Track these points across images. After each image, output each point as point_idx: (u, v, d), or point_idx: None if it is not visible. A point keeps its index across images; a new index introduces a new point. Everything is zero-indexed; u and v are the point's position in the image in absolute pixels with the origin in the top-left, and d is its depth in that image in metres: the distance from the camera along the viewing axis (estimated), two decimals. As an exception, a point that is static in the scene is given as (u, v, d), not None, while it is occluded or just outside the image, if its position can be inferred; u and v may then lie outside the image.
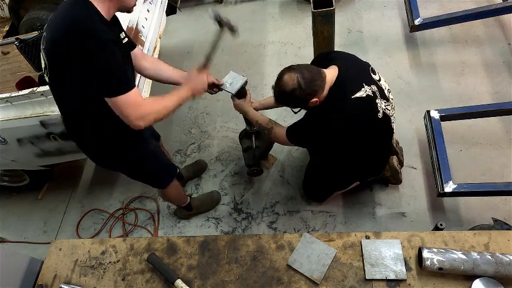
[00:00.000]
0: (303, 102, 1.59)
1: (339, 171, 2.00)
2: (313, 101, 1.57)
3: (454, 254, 1.21)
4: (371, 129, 1.68)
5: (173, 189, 2.02)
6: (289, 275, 1.34)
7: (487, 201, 2.07)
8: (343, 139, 1.68)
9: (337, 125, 1.58)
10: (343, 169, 1.98)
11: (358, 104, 1.56)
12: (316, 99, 1.56)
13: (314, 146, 1.81)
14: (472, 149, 2.32)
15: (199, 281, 1.37)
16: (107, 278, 1.43)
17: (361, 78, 1.61)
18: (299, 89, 1.52)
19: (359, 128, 1.63)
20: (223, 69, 3.07)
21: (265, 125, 1.83)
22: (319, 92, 1.56)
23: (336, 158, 1.92)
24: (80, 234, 2.51)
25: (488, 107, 2.20)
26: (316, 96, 1.56)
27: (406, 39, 2.98)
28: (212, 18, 1.67)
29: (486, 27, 2.88)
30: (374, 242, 1.34)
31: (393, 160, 2.06)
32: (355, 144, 1.74)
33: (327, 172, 2.06)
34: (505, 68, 2.63)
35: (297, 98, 1.56)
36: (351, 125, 1.60)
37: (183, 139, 2.84)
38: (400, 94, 2.68)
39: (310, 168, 2.20)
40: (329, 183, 2.12)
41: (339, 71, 1.59)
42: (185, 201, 2.26)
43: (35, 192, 2.79)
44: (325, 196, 2.24)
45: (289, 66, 1.59)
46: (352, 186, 2.13)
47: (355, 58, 1.72)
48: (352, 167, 1.95)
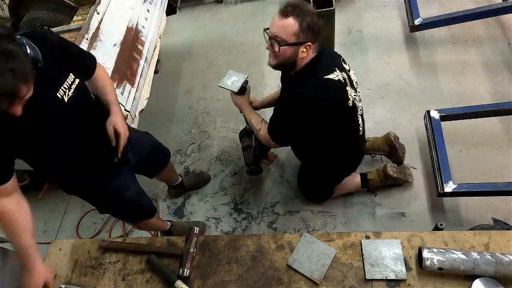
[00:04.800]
0: (310, 34, 1.46)
1: (321, 165, 1.98)
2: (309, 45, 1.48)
3: (454, 254, 1.21)
4: (340, 115, 1.65)
5: (148, 223, 1.91)
6: (289, 275, 1.34)
7: (487, 201, 2.07)
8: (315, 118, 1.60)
9: (310, 98, 1.51)
10: (324, 163, 1.95)
11: (329, 84, 1.53)
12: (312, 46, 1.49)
13: (292, 132, 1.68)
14: (472, 149, 2.32)
15: (199, 281, 1.37)
16: (107, 278, 1.43)
17: (334, 64, 1.60)
18: (319, 20, 1.46)
19: (329, 109, 1.58)
20: (223, 69, 3.08)
21: (256, 125, 1.81)
22: (315, 46, 1.50)
23: (314, 149, 1.88)
24: (80, 234, 2.51)
25: (488, 107, 2.20)
26: (314, 45, 1.49)
27: (406, 39, 2.98)
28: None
29: (486, 27, 2.88)
30: (374, 242, 1.34)
31: (389, 135, 2.19)
32: (326, 129, 1.68)
33: (313, 169, 2.06)
34: (505, 68, 2.63)
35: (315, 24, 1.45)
36: (322, 103, 1.54)
37: (183, 139, 2.84)
38: (400, 94, 2.68)
39: (301, 171, 2.21)
40: (318, 180, 2.11)
41: (318, 52, 1.57)
42: (165, 228, 2.11)
43: (35, 192, 2.79)
44: (322, 196, 2.24)
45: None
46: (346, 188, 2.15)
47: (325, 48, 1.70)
48: (329, 160, 1.92)
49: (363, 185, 2.20)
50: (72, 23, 2.72)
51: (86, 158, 1.44)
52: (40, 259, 1.28)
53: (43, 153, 1.30)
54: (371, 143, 2.30)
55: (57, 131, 1.27)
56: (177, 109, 3.05)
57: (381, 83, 2.77)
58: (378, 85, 2.76)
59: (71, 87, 1.28)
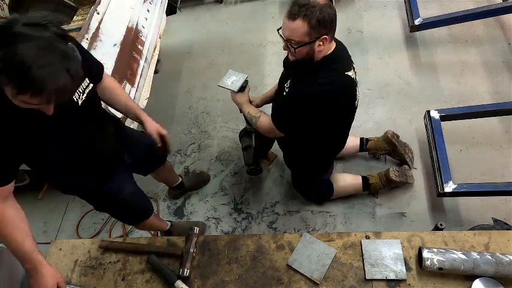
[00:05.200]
0: (322, 28, 1.41)
1: (313, 155, 1.96)
2: (325, 38, 1.43)
3: (454, 254, 1.21)
4: (347, 112, 1.66)
5: (146, 223, 1.91)
6: (289, 275, 1.34)
7: (487, 201, 2.07)
8: (326, 113, 1.59)
9: (327, 92, 1.49)
10: (316, 152, 1.94)
11: (349, 81, 1.53)
12: (328, 38, 1.44)
13: (298, 122, 1.66)
14: (472, 149, 2.32)
15: (199, 281, 1.37)
16: (107, 278, 1.43)
17: (350, 61, 1.61)
18: (330, 9, 1.41)
19: (342, 106, 1.58)
20: (223, 69, 3.08)
21: (254, 114, 1.80)
22: (331, 35, 1.47)
23: (307, 138, 1.84)
24: (80, 234, 2.51)
25: (488, 107, 2.20)
26: (329, 36, 1.44)
27: (406, 39, 2.98)
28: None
29: (486, 27, 2.88)
30: (374, 242, 1.34)
31: (387, 133, 2.24)
32: (329, 123, 1.68)
33: (305, 162, 2.03)
34: (505, 68, 2.63)
35: (325, 18, 1.40)
36: (338, 99, 1.54)
37: (183, 139, 2.84)
38: (400, 94, 2.68)
39: (293, 174, 2.22)
40: (310, 173, 2.10)
41: (336, 45, 1.56)
42: (164, 228, 2.12)
43: (35, 192, 2.79)
44: (322, 197, 2.25)
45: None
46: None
47: (343, 45, 1.69)
48: (317, 149, 1.91)
49: (364, 189, 2.20)
50: (72, 23, 2.73)
51: (86, 158, 1.45)
52: (46, 261, 1.26)
53: (43, 153, 1.30)
54: (373, 142, 2.30)
55: (59, 132, 1.27)
56: (177, 109, 3.05)
57: (380, 83, 2.77)
58: (378, 85, 2.76)
59: (84, 91, 1.32)
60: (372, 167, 2.37)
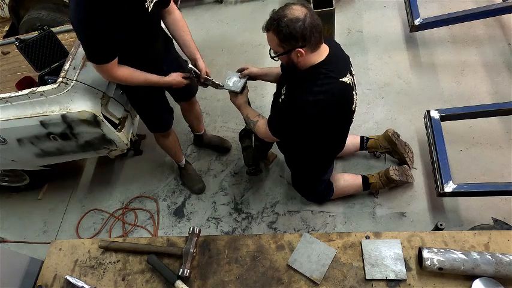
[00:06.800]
0: (293, 42, 1.42)
1: (307, 157, 1.97)
2: (299, 51, 1.43)
3: (454, 254, 1.21)
4: (343, 118, 1.66)
5: (163, 141, 2.30)
6: (289, 275, 1.34)
7: (487, 201, 2.08)
8: (320, 120, 1.59)
9: (320, 101, 1.49)
10: (310, 155, 1.94)
11: (343, 87, 1.52)
12: (303, 51, 1.44)
13: (292, 130, 1.67)
14: (472, 149, 2.32)
15: (199, 281, 1.37)
16: (107, 278, 1.43)
17: (346, 66, 1.60)
18: (302, 23, 1.38)
19: (336, 113, 1.59)
20: (223, 69, 3.08)
21: (252, 118, 1.80)
22: (310, 47, 1.46)
23: (305, 143, 1.85)
24: (80, 234, 2.52)
25: (488, 107, 2.20)
26: (305, 48, 1.44)
27: (406, 39, 2.98)
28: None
29: (486, 27, 2.88)
30: (374, 242, 1.34)
31: (387, 132, 2.24)
32: (325, 129, 1.68)
33: (305, 163, 2.03)
34: (505, 68, 2.63)
35: (292, 33, 1.39)
36: (331, 108, 1.54)
37: (183, 139, 2.83)
38: (400, 94, 2.68)
39: (293, 175, 2.22)
40: (310, 173, 2.10)
41: (329, 50, 1.55)
42: (180, 160, 2.47)
43: (35, 192, 2.79)
44: (322, 197, 2.25)
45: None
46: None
47: (341, 48, 1.70)
48: (316, 153, 1.91)
49: (365, 188, 2.20)
50: (72, 23, 2.72)
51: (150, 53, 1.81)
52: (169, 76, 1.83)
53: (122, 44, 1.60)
54: (373, 141, 2.30)
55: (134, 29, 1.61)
56: (177, 109, 3.04)
57: (380, 83, 2.77)
58: (378, 85, 2.76)
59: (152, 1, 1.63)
60: (372, 166, 2.37)
